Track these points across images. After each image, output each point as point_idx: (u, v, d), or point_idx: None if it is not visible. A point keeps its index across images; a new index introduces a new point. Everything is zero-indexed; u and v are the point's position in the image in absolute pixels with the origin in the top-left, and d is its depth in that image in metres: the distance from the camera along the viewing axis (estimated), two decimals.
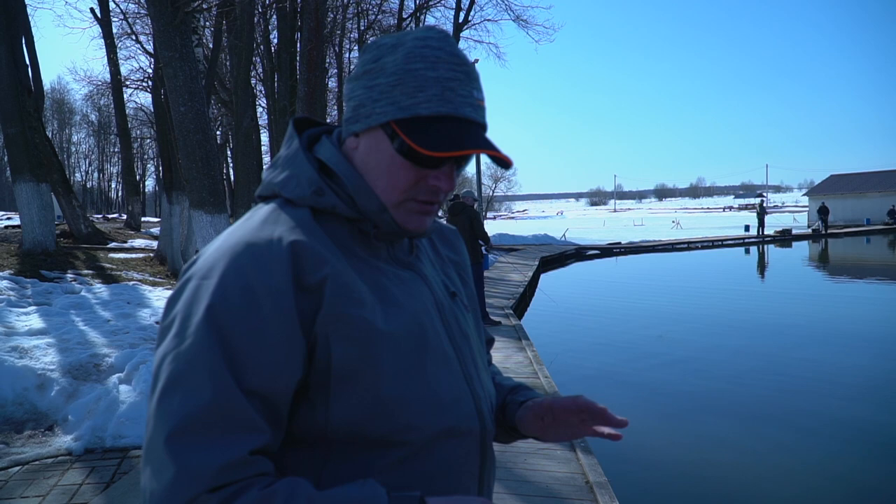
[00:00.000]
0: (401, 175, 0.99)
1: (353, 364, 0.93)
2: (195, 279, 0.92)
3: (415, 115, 0.95)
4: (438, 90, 0.95)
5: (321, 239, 0.96)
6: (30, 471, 4.31)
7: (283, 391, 0.90)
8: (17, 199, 11.80)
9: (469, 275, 1.29)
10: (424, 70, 0.96)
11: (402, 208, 1.01)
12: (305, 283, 0.91)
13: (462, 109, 0.96)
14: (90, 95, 41.39)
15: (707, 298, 15.07)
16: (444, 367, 1.02)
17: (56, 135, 72.79)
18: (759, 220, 34.52)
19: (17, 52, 12.04)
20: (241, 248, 0.92)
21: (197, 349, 0.86)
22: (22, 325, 6.87)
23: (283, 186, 1.02)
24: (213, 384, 0.84)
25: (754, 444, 6.30)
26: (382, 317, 0.96)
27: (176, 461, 0.82)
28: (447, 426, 1.00)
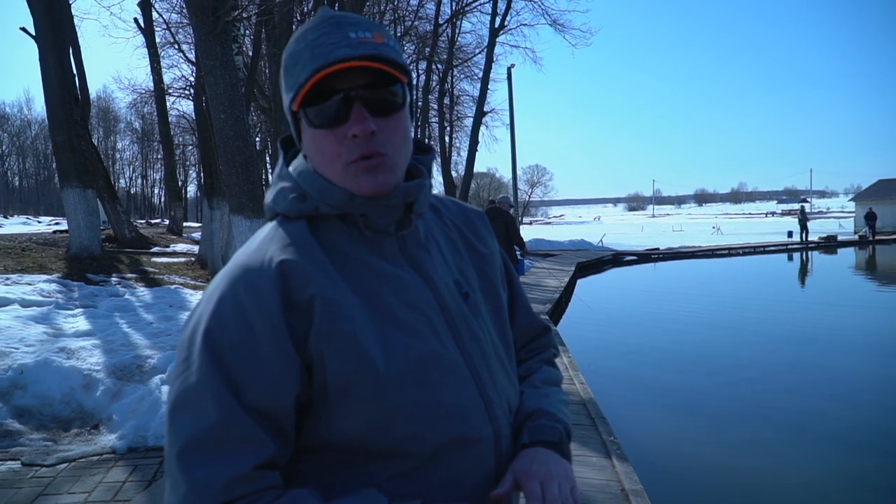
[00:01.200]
0: (324, 146, 0.99)
1: (349, 378, 0.94)
2: (202, 304, 0.97)
3: (297, 86, 0.97)
4: (308, 52, 0.97)
5: (313, 253, 0.98)
6: (76, 468, 4.41)
7: (283, 407, 0.93)
8: (65, 204, 12.12)
9: (494, 268, 1.21)
10: (295, 46, 1.00)
11: (347, 177, 0.99)
12: (295, 301, 0.93)
13: (333, 54, 0.95)
14: (134, 103, 42.21)
15: (746, 306, 14.79)
16: (449, 375, 1.00)
17: (101, 142, 74.56)
18: (801, 226, 33.72)
19: (64, 62, 12.38)
20: (238, 273, 0.96)
21: (200, 372, 0.91)
22: (69, 327, 7.06)
23: (275, 203, 1.06)
24: (217, 405, 0.89)
25: (794, 454, 6.18)
26: (376, 330, 0.96)
27: (186, 477, 0.87)
28: (456, 435, 0.98)
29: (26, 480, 4.20)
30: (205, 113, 14.17)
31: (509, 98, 26.38)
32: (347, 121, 0.97)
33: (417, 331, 1.00)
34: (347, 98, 0.97)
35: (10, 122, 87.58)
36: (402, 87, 1.02)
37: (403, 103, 1.03)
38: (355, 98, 0.97)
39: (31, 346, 6.04)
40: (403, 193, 1.02)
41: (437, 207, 1.20)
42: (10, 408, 5.07)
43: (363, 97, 0.97)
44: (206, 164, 16.16)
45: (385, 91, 0.99)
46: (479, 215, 1.27)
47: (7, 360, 5.58)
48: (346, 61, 0.94)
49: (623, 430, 5.69)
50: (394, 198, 1.01)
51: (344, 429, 0.95)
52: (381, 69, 0.97)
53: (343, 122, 0.97)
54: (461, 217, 1.23)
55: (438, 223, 1.17)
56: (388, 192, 1.00)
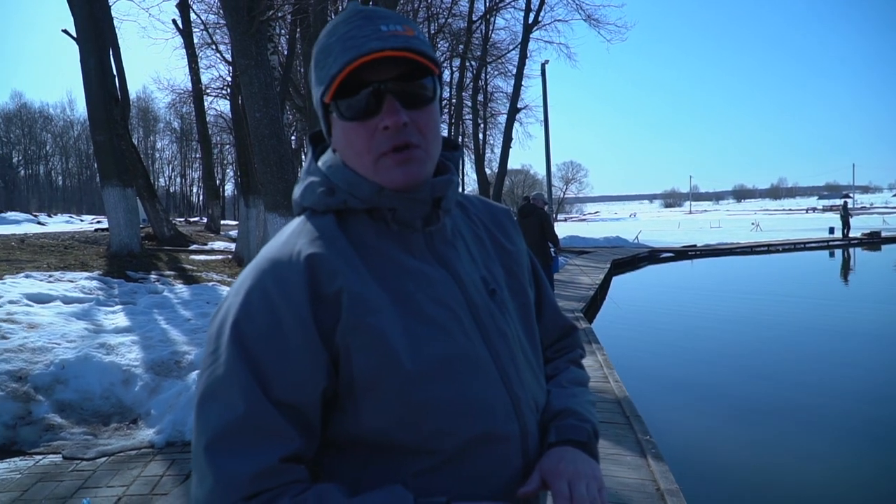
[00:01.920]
0: (355, 138, 0.99)
1: (376, 372, 0.93)
2: (230, 297, 0.97)
3: (330, 78, 0.97)
4: (339, 46, 0.97)
5: (341, 246, 0.98)
6: (115, 461, 4.50)
7: (310, 400, 0.93)
8: (105, 203, 12.35)
9: (521, 265, 1.21)
10: (327, 40, 1.01)
11: (379, 170, 0.99)
12: (322, 294, 0.93)
13: (365, 47, 0.95)
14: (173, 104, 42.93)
15: (786, 303, 14.50)
16: (476, 371, 0.99)
17: (141, 142, 76.24)
18: (843, 222, 32.94)
19: (105, 63, 12.60)
20: (266, 266, 0.96)
21: (228, 364, 0.91)
22: (109, 323, 7.20)
23: (303, 197, 1.07)
24: (245, 397, 0.89)
25: (836, 455, 6.05)
26: (403, 325, 0.96)
27: (213, 470, 0.87)
28: (481, 431, 0.97)
29: (67, 473, 4.29)
30: (241, 112, 14.34)
31: (543, 94, 26.21)
32: (379, 113, 0.97)
33: (444, 327, 0.99)
34: (378, 90, 0.97)
35: (54, 122, 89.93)
36: (432, 80, 1.02)
37: (434, 96, 1.02)
38: (386, 90, 0.97)
39: (73, 342, 6.16)
40: (432, 188, 1.02)
41: (464, 205, 1.19)
42: (52, 402, 5.18)
43: (394, 89, 0.97)
44: (242, 162, 16.35)
45: (416, 83, 0.99)
46: (505, 213, 1.26)
47: (49, 356, 5.70)
48: (378, 53, 0.94)
49: (658, 429, 5.62)
50: (422, 192, 1.01)
51: (370, 424, 0.95)
52: (413, 60, 0.97)
53: (374, 115, 0.97)
54: (488, 215, 1.22)
55: (465, 220, 1.17)
56: (419, 186, 1.00)
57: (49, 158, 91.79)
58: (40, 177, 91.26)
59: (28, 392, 5.19)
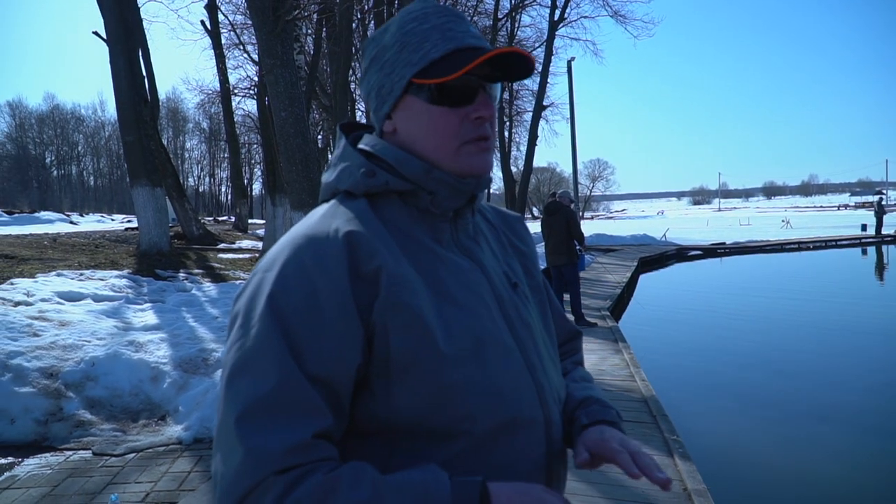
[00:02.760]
0: (443, 123, 1.02)
1: (412, 352, 0.93)
2: (259, 273, 0.96)
3: (429, 61, 1.01)
4: (438, 34, 1.02)
5: (377, 229, 0.99)
6: (143, 458, 4.54)
7: (343, 377, 0.92)
8: (135, 202, 12.52)
9: (535, 265, 1.27)
10: (419, 26, 1.04)
11: (460, 155, 1.03)
12: (362, 272, 0.93)
13: (465, 41, 1.02)
14: (202, 104, 43.56)
15: (816, 302, 14.25)
16: (504, 357, 1.01)
17: (171, 142, 77.30)
18: (877, 219, 32.30)
19: (134, 64, 12.78)
20: (301, 241, 0.96)
21: (261, 337, 0.89)
22: (138, 321, 7.29)
23: (339, 180, 1.07)
24: (278, 370, 0.87)
25: (864, 455, 5.93)
26: (436, 308, 0.97)
27: (244, 443, 0.84)
28: (509, 416, 0.99)
29: (96, 469, 4.35)
30: (267, 112, 14.46)
31: (570, 92, 26.05)
32: (472, 103, 1.02)
33: (475, 311, 1.01)
34: (476, 82, 1.02)
35: (86, 123, 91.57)
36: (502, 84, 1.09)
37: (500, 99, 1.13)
38: (480, 84, 1.03)
39: (102, 340, 6.25)
40: (477, 182, 1.07)
41: (480, 210, 1.24)
42: (82, 399, 5.26)
43: (486, 85, 1.04)
44: (268, 161, 16.50)
45: (498, 85, 1.07)
46: (517, 219, 1.32)
47: (80, 353, 5.79)
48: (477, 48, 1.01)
49: (685, 429, 5.55)
50: (468, 183, 1.05)
51: (400, 407, 0.95)
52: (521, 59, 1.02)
53: (467, 104, 1.02)
54: (500, 220, 1.27)
55: (484, 221, 1.22)
56: (485, 176, 1.07)
57: (81, 159, 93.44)
58: (72, 177, 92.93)
59: (59, 389, 5.27)
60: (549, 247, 9.60)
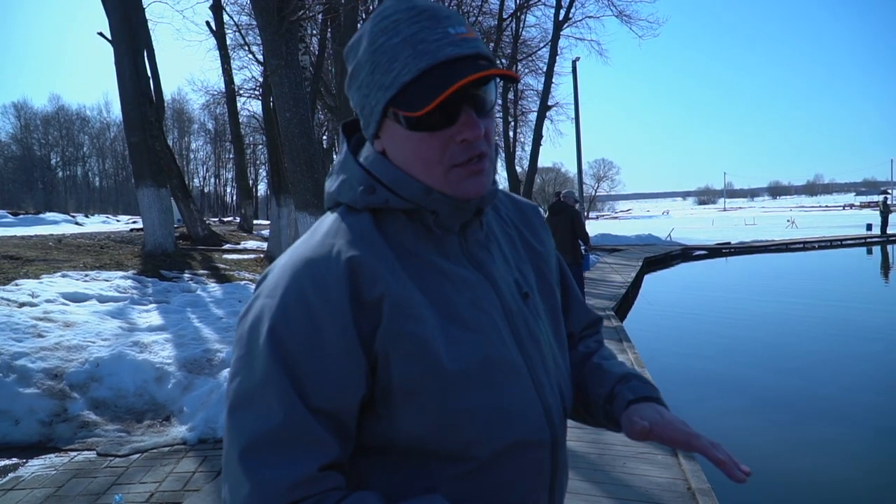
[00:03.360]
0: (425, 149, 0.93)
1: (416, 379, 0.91)
2: (262, 297, 0.93)
3: (400, 85, 0.91)
4: (409, 50, 0.91)
5: (379, 249, 0.95)
6: (148, 458, 4.56)
7: (348, 407, 0.91)
8: (140, 203, 12.53)
9: (550, 266, 1.21)
10: (388, 41, 0.93)
11: (450, 180, 0.94)
12: (364, 300, 0.90)
13: (441, 53, 0.90)
14: (207, 105, 43.66)
15: (821, 301, 14.21)
16: (511, 378, 0.98)
17: (176, 143, 77.48)
18: (882, 219, 32.17)
19: (139, 65, 12.79)
20: (302, 266, 0.92)
21: (264, 370, 0.88)
22: (143, 322, 7.30)
23: (339, 192, 1.02)
24: (282, 405, 0.86)
25: (872, 454, 5.93)
26: (442, 330, 0.94)
27: (250, 478, 0.84)
28: (516, 438, 0.97)
29: (101, 470, 4.36)
30: (272, 112, 14.47)
31: (574, 91, 26.01)
32: (455, 123, 0.92)
33: (483, 331, 0.97)
34: (454, 100, 0.91)
35: (91, 124, 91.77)
36: (496, 82, 0.97)
37: (498, 96, 1.00)
38: (463, 100, 0.91)
39: (107, 340, 6.26)
40: (481, 198, 1.00)
41: (494, 204, 1.16)
42: (86, 399, 5.27)
43: (470, 97, 0.92)
44: (273, 162, 16.50)
45: (488, 87, 0.94)
46: (533, 210, 1.24)
47: (84, 354, 5.80)
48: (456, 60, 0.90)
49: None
50: (471, 203, 0.99)
51: (405, 430, 0.93)
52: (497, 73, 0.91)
53: (449, 125, 0.92)
54: (516, 212, 1.20)
55: (497, 219, 1.15)
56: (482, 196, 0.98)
57: (86, 160, 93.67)
58: (78, 178, 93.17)
59: (63, 389, 5.28)
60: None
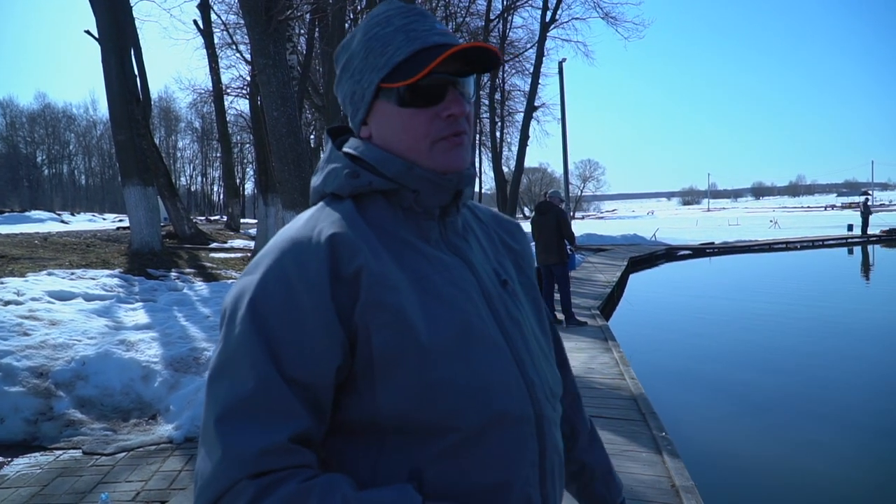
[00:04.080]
0: (414, 124, 1.03)
1: (395, 350, 0.94)
2: (245, 276, 0.99)
3: (394, 64, 1.02)
4: (402, 35, 1.03)
5: (361, 229, 1.00)
6: (134, 457, 4.54)
7: (323, 379, 0.94)
8: (127, 201, 12.47)
9: (529, 264, 1.27)
10: (382, 30, 1.05)
11: (434, 153, 1.04)
12: (342, 274, 0.95)
13: (430, 39, 1.02)
14: (194, 103, 43.47)
15: (804, 300, 14.35)
16: (491, 352, 1.01)
17: (163, 141, 76.97)
18: (863, 220, 32.47)
19: (126, 63, 12.72)
20: (285, 245, 0.98)
21: (241, 339, 0.92)
22: (129, 320, 7.28)
23: (325, 183, 1.09)
24: (256, 372, 0.90)
25: (852, 452, 5.99)
26: (420, 304, 0.97)
27: (221, 443, 0.87)
28: (497, 410, 0.98)
29: (87, 468, 4.35)
30: (260, 111, 14.44)
31: (561, 92, 26.07)
32: (442, 101, 1.03)
33: (461, 307, 1.01)
34: (443, 80, 1.02)
35: (77, 122, 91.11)
36: (476, 78, 1.09)
37: (477, 92, 1.11)
38: (450, 82, 1.03)
39: (93, 339, 6.23)
40: (458, 178, 1.07)
41: (471, 209, 1.24)
42: (72, 398, 5.25)
43: (457, 82, 1.04)
44: (261, 161, 16.47)
45: (470, 79, 1.06)
46: (514, 225, 1.31)
47: (70, 352, 5.78)
48: (443, 46, 1.01)
49: (674, 426, 5.60)
50: (449, 179, 1.06)
51: (387, 405, 0.95)
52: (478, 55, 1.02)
53: (437, 103, 1.02)
54: (495, 223, 1.27)
55: (475, 220, 1.21)
56: (463, 170, 1.06)
57: (72, 158, 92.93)
58: (64, 176, 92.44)
59: (49, 388, 5.26)
60: (540, 246, 9.64)
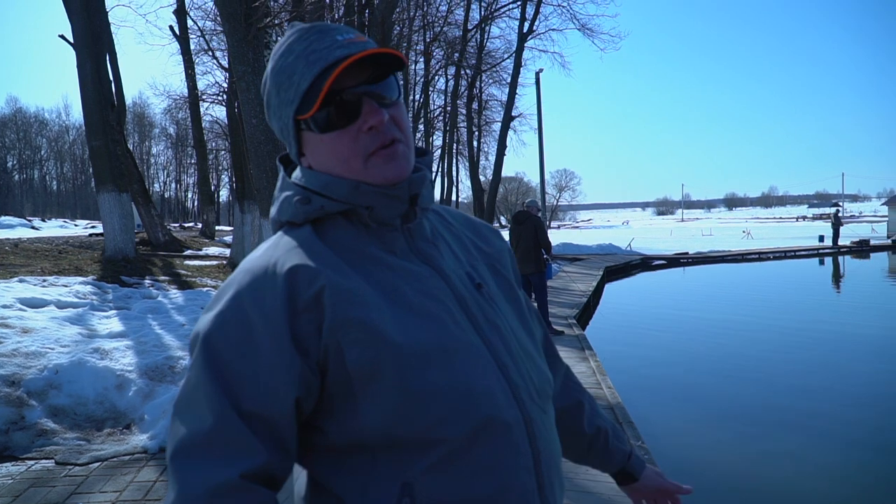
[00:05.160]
0: (339, 146, 1.01)
1: (371, 364, 0.93)
2: (206, 311, 0.99)
3: (300, 94, 1.00)
4: (302, 62, 1.00)
5: (319, 252, 0.99)
6: (108, 467, 4.47)
7: (282, 412, 0.93)
8: (100, 208, 12.32)
9: (505, 265, 1.23)
10: (283, 60, 1.03)
11: (370, 169, 1.01)
12: (301, 302, 0.93)
13: (330, 56, 0.99)
14: (169, 109, 43.21)
15: (777, 310, 14.55)
16: (470, 358, 0.98)
17: (137, 147, 76.20)
18: (834, 231, 33.05)
19: (101, 68, 12.60)
20: (242, 278, 0.97)
21: (198, 375, 0.92)
22: (103, 328, 7.17)
23: (280, 212, 1.08)
24: (212, 408, 0.89)
25: (830, 461, 6.08)
26: (393, 316, 0.96)
27: (177, 480, 0.87)
28: (483, 416, 0.95)
29: (60, 479, 4.26)
30: (237, 118, 14.36)
31: (537, 103, 26.23)
32: (359, 116, 0.99)
33: (435, 316, 0.99)
34: (355, 95, 0.99)
35: (49, 127, 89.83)
36: (395, 77, 1.05)
37: (401, 91, 1.07)
38: (362, 93, 0.99)
39: (66, 347, 6.13)
40: (408, 184, 1.04)
41: (440, 213, 1.21)
42: (45, 407, 5.15)
43: (369, 92, 1.00)
44: (237, 168, 16.35)
45: (386, 83, 1.02)
46: (487, 227, 1.29)
47: (43, 361, 5.67)
48: (351, 58, 0.96)
49: (651, 436, 5.64)
50: (399, 189, 1.03)
51: (371, 422, 0.94)
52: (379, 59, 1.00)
53: (355, 119, 0.99)
54: (468, 226, 1.25)
55: (444, 224, 1.18)
56: (405, 179, 1.03)
57: (44, 163, 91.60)
58: (35, 181, 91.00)
59: (21, 397, 5.16)
60: (518, 255, 9.66)
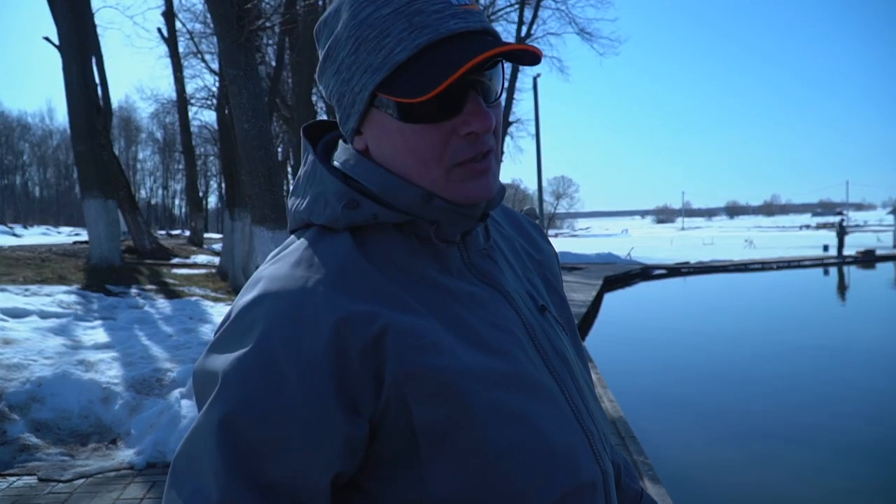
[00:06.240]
0: (422, 144, 0.77)
1: (445, 423, 0.75)
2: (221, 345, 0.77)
3: (393, 66, 0.75)
4: (404, 23, 0.75)
5: (369, 276, 0.78)
6: (93, 483, 4.35)
7: (312, 491, 0.73)
8: (86, 214, 12.18)
9: (556, 274, 1.06)
10: (376, 11, 0.76)
11: (452, 182, 0.79)
12: (355, 350, 0.73)
13: (443, 27, 0.75)
14: (156, 114, 43.01)
15: (780, 321, 14.50)
16: (550, 408, 0.82)
17: (123, 152, 75.71)
18: (838, 240, 33.00)
19: (87, 71, 12.48)
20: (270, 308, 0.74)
21: (208, 435, 0.72)
22: (88, 339, 7.04)
23: (311, 212, 0.84)
24: (218, 483, 0.70)
25: (835, 474, 6.00)
26: (466, 359, 0.77)
27: None
28: (572, 483, 0.79)
29: (43, 496, 4.14)
30: (227, 123, 14.21)
31: (535, 108, 26.21)
32: (460, 113, 0.77)
33: (509, 353, 0.81)
34: (460, 84, 0.76)
35: (32, 131, 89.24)
36: (503, 66, 0.81)
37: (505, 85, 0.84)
38: (470, 85, 0.77)
39: (50, 359, 6.00)
40: (488, 202, 0.85)
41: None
42: (27, 421, 5.03)
43: (480, 83, 0.77)
44: (227, 174, 16.17)
45: (497, 71, 0.79)
46: (530, 223, 1.10)
47: (25, 373, 5.53)
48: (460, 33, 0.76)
49: (655, 451, 5.52)
50: (479, 206, 0.83)
51: (439, 490, 0.76)
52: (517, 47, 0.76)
53: (453, 115, 0.77)
54: (510, 222, 1.06)
55: (494, 227, 0.99)
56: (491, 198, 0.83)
57: (26, 168, 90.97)
58: (16, 187, 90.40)
59: (2, 411, 5.01)
60: None
